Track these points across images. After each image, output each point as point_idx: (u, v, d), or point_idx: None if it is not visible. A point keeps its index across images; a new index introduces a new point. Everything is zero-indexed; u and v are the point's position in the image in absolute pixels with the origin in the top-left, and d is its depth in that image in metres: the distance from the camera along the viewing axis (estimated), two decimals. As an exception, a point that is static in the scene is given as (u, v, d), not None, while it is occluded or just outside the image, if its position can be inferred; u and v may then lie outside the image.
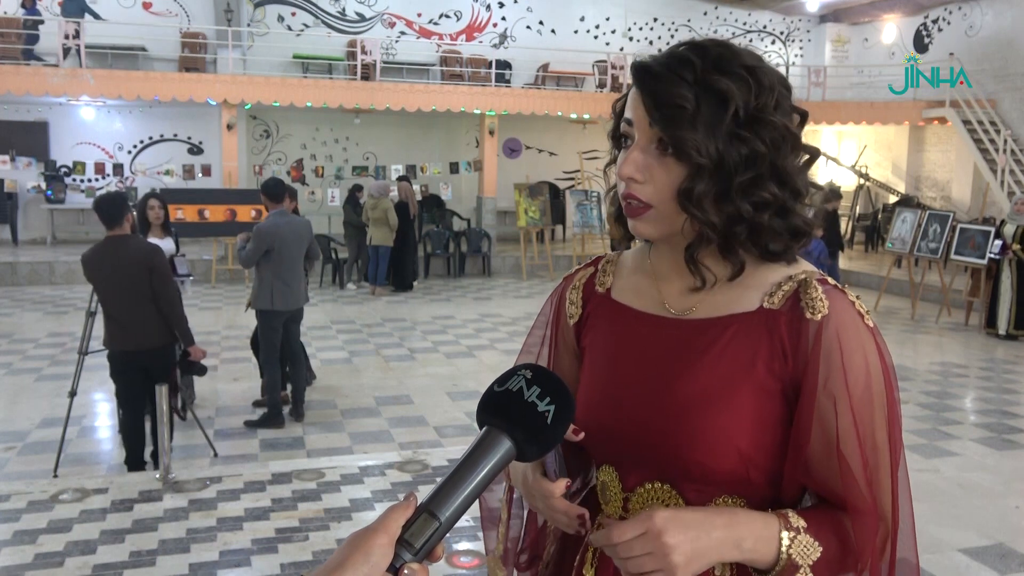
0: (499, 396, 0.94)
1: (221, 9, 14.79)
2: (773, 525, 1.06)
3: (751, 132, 1.07)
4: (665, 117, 1.07)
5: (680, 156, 1.07)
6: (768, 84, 1.10)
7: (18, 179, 14.05)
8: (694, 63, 1.07)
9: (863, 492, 1.08)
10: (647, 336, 1.19)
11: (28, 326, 9.24)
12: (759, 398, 1.10)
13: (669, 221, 1.12)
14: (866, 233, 16.91)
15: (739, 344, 1.12)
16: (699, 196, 1.07)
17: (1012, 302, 9.25)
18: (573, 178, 17.02)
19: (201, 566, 3.73)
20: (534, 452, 0.94)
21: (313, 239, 6.19)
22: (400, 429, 5.94)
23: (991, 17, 15.45)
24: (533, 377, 0.94)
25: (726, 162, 1.07)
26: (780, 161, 1.10)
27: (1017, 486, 5.05)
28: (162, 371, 4.78)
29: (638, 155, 1.11)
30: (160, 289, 4.69)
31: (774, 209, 1.10)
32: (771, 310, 1.12)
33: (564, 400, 0.93)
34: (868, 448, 1.09)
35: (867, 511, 1.08)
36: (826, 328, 1.08)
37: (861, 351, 1.09)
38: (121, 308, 4.68)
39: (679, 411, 1.12)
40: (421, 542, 0.86)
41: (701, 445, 1.09)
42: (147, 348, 4.74)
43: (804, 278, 1.12)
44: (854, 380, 1.08)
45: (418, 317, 10.16)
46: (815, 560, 1.06)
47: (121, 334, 4.72)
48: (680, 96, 1.06)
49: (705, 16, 18.02)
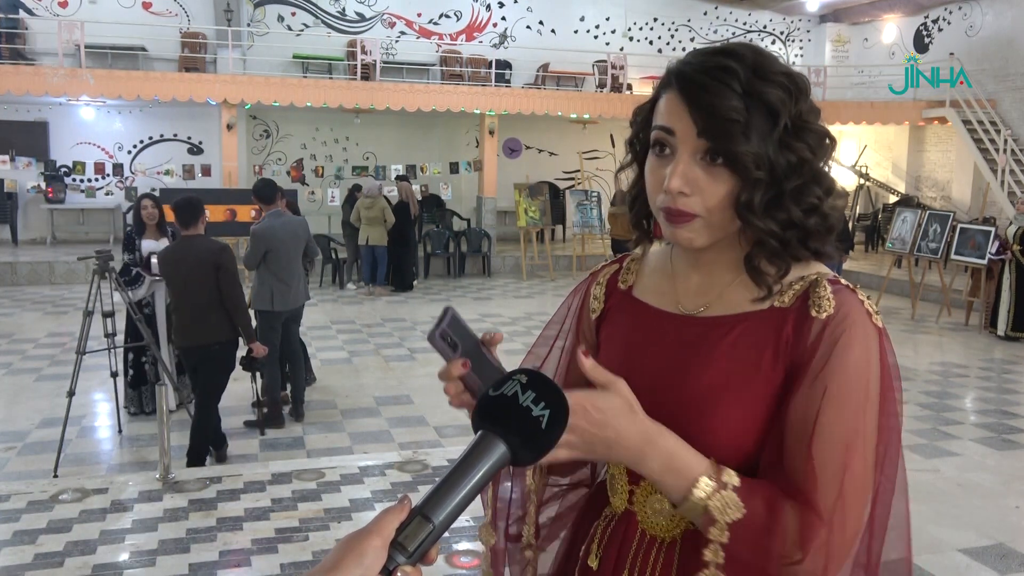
0: (494, 401, 0.94)
1: (221, 9, 14.78)
2: (697, 468, 1.05)
3: (797, 139, 1.09)
4: (717, 130, 1.06)
5: (734, 168, 1.08)
6: (804, 88, 1.12)
7: (18, 179, 14.04)
8: (738, 72, 1.07)
9: (820, 490, 1.04)
10: (662, 332, 1.22)
11: (28, 326, 9.25)
12: (765, 396, 1.11)
13: (718, 230, 1.13)
14: (866, 233, 16.91)
15: (747, 341, 1.14)
16: (758, 207, 1.09)
17: (1011, 304, 9.25)
18: (573, 178, 17.02)
19: (201, 566, 3.73)
20: (528, 457, 0.94)
21: (310, 237, 6.19)
22: (400, 429, 5.94)
23: (991, 17, 15.45)
24: (528, 382, 0.94)
25: (776, 171, 1.08)
26: (820, 164, 1.13)
27: (1017, 486, 5.05)
28: (224, 366, 5.03)
29: (685, 167, 1.10)
30: (227, 287, 4.87)
31: (819, 211, 1.12)
32: (780, 308, 1.13)
33: (559, 405, 0.94)
34: (841, 448, 1.05)
35: (817, 509, 1.03)
36: (828, 327, 1.09)
37: (863, 350, 1.09)
38: (189, 304, 4.90)
39: (689, 404, 1.13)
40: (415, 545, 0.87)
41: (710, 437, 1.10)
42: (210, 343, 4.93)
43: (815, 278, 1.14)
44: (850, 378, 1.07)
45: (418, 317, 10.16)
46: (733, 520, 1.03)
47: (188, 329, 4.92)
48: (733, 109, 1.06)
49: (705, 16, 18.01)
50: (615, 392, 1.04)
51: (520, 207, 13.67)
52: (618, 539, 1.22)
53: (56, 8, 14.25)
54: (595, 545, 1.24)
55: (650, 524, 1.19)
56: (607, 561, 1.22)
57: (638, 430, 1.04)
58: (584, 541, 1.28)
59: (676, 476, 1.05)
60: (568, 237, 16.15)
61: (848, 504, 1.05)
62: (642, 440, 1.04)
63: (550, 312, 1.51)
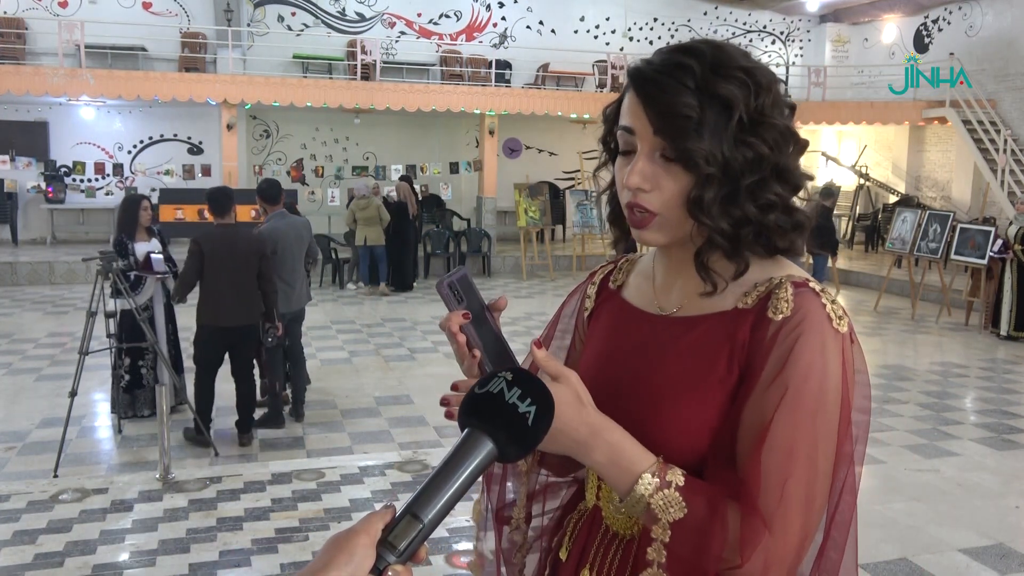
0: (480, 398, 0.95)
1: (221, 9, 14.78)
2: (641, 464, 1.05)
3: (754, 135, 1.08)
4: (670, 127, 1.07)
5: (687, 165, 1.08)
6: (765, 84, 1.10)
7: (18, 179, 14.04)
8: (693, 69, 1.07)
9: (762, 496, 1.02)
10: (637, 332, 1.24)
11: (28, 326, 9.24)
12: (719, 394, 1.11)
13: (676, 228, 1.13)
14: (866, 233, 16.91)
15: (705, 341, 1.14)
16: (708, 204, 1.08)
17: (1013, 303, 9.25)
18: (573, 178, 17.02)
19: (201, 566, 3.73)
20: (515, 453, 0.95)
21: (313, 239, 6.19)
22: (400, 429, 5.94)
23: (991, 17, 15.45)
24: (514, 379, 0.95)
25: (731, 167, 1.07)
26: (782, 160, 1.11)
27: (1017, 486, 5.05)
28: (257, 343, 5.65)
29: (644, 164, 1.10)
30: (268, 272, 5.49)
31: (779, 208, 1.12)
32: (743, 310, 1.13)
33: (545, 401, 0.95)
34: (785, 455, 1.03)
35: (759, 514, 1.02)
36: (784, 328, 1.07)
37: (818, 354, 1.05)
38: (237, 287, 5.37)
39: (650, 400, 1.15)
40: (405, 544, 0.87)
41: (664, 436, 1.11)
42: (253, 322, 5.52)
43: (780, 280, 1.12)
44: (802, 384, 1.04)
45: (418, 317, 10.16)
46: (675, 519, 1.03)
47: (234, 309, 5.39)
48: (684, 105, 1.06)
49: (705, 16, 18.01)
50: (564, 383, 1.04)
51: (520, 207, 13.67)
52: (585, 533, 1.25)
53: (56, 8, 14.25)
54: (567, 538, 1.27)
55: (613, 520, 1.21)
56: (574, 554, 1.25)
57: (584, 422, 1.04)
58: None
59: (620, 470, 1.05)
60: (568, 237, 16.15)
61: (790, 511, 1.02)
62: (588, 432, 1.04)
63: (550, 312, 1.53)
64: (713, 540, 1.02)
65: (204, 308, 5.44)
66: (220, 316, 5.42)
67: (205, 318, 5.45)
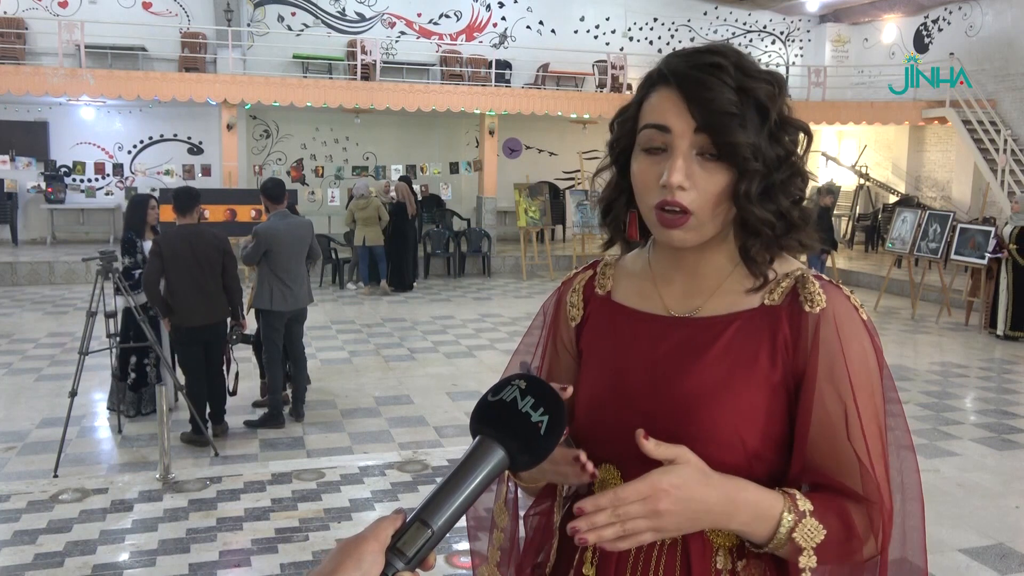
0: (493, 406, 0.94)
1: (221, 9, 14.77)
2: (777, 507, 1.08)
3: (784, 133, 1.14)
4: (717, 123, 1.09)
5: (730, 160, 1.10)
6: (784, 86, 1.15)
7: (18, 179, 14.04)
8: (728, 68, 1.10)
9: (874, 480, 1.11)
10: (651, 336, 1.21)
11: (28, 326, 9.24)
12: (763, 392, 1.12)
13: (706, 228, 1.14)
14: (866, 233, 16.90)
15: (742, 340, 1.15)
16: (755, 197, 1.11)
17: (1009, 303, 9.25)
18: (573, 178, 17.02)
19: (201, 566, 3.74)
20: (526, 462, 0.94)
21: (314, 239, 6.17)
22: (400, 429, 5.94)
23: (991, 17, 15.44)
24: (527, 388, 0.95)
25: (768, 163, 1.12)
26: (800, 158, 1.17)
27: (1017, 486, 5.05)
28: (219, 343, 5.68)
29: (684, 163, 1.11)
30: (231, 269, 5.55)
31: (801, 203, 1.16)
32: (772, 306, 1.15)
33: (557, 411, 0.94)
34: (871, 436, 1.11)
35: (878, 498, 1.11)
36: (824, 320, 1.12)
37: (859, 341, 1.13)
38: (201, 285, 5.41)
39: (686, 406, 1.14)
40: (414, 550, 0.86)
41: (708, 439, 1.10)
42: (221, 320, 5.61)
43: (801, 274, 1.17)
44: (855, 369, 1.11)
45: (418, 317, 10.16)
46: (819, 543, 1.07)
47: (202, 308, 5.44)
48: (730, 102, 1.08)
49: (705, 16, 18.01)
50: (684, 462, 1.05)
51: (520, 207, 13.67)
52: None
53: (56, 8, 14.25)
54: (589, 553, 1.21)
55: None
56: (604, 569, 1.19)
57: (719, 493, 1.06)
58: (575, 548, 1.23)
59: (763, 521, 1.08)
60: (568, 237, 16.15)
61: (883, 487, 1.13)
62: (726, 501, 1.06)
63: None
64: (853, 546, 1.10)
65: (174, 310, 5.46)
66: (187, 316, 5.44)
67: (176, 319, 5.46)
